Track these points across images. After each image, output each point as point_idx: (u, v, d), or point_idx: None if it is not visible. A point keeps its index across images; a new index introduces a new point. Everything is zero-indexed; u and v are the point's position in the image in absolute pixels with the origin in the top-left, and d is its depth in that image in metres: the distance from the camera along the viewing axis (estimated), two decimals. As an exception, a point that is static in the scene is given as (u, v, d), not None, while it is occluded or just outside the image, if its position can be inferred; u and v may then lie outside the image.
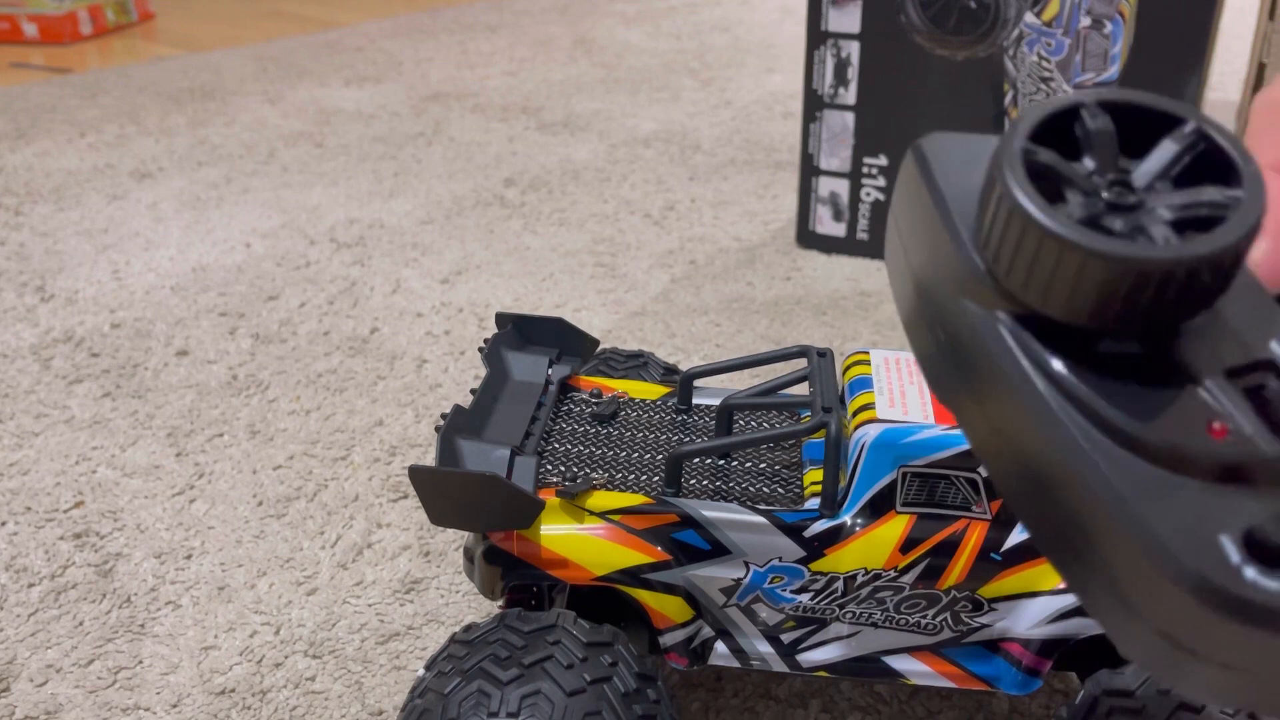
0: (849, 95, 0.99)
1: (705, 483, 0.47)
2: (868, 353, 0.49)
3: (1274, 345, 0.24)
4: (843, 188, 1.02)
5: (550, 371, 0.53)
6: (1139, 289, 0.23)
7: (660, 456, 0.49)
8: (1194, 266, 0.22)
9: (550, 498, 0.45)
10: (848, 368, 0.49)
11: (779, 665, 0.46)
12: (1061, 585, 0.44)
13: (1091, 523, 0.22)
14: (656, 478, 0.47)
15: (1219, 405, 0.24)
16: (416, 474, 0.42)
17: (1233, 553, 0.20)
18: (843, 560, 0.44)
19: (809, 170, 1.03)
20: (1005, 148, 0.24)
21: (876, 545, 0.43)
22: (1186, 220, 0.23)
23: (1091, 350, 0.24)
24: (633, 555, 0.44)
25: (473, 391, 0.50)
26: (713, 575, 0.44)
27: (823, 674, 0.46)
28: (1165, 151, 0.25)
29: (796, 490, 0.47)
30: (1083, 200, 0.24)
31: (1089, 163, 0.25)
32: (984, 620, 0.44)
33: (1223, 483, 0.23)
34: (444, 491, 0.43)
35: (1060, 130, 0.25)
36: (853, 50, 0.97)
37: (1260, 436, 0.23)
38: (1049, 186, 0.24)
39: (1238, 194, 0.23)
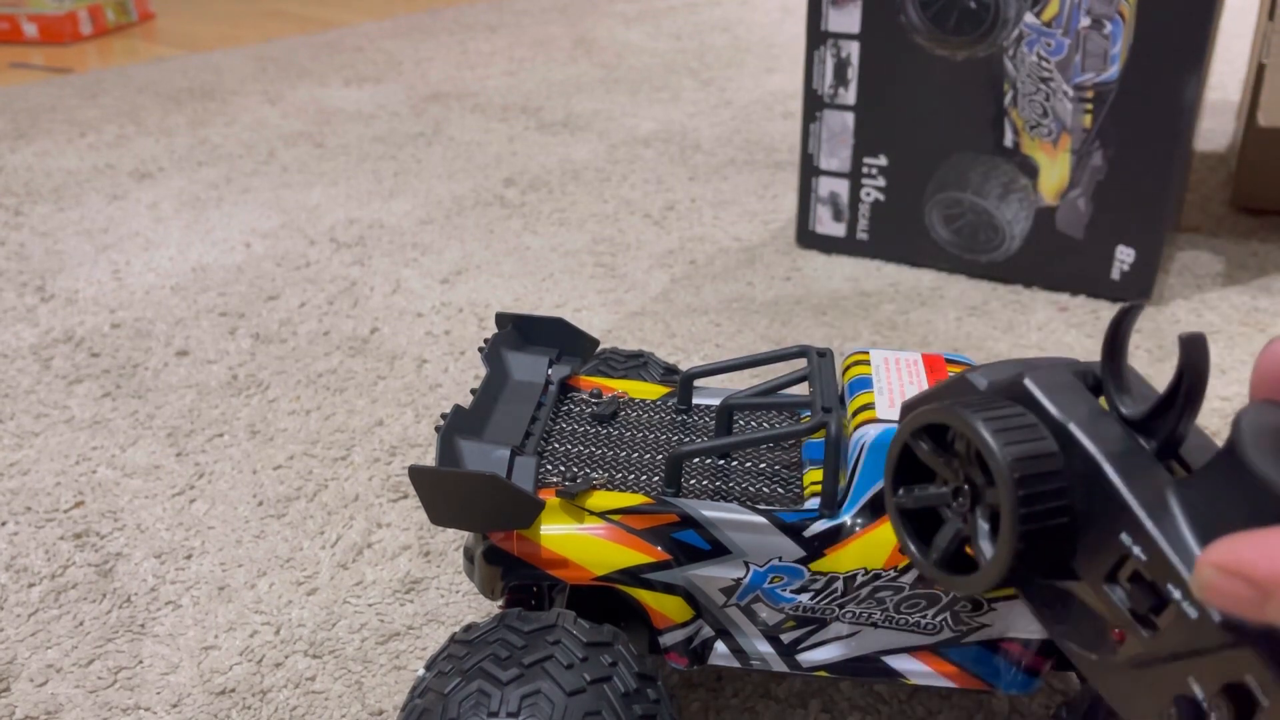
0: (849, 95, 0.99)
1: (705, 483, 0.47)
2: (868, 353, 0.49)
3: (1123, 537, 0.30)
4: (843, 188, 1.02)
5: (550, 371, 0.53)
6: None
7: (660, 456, 0.49)
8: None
9: (550, 498, 0.45)
10: (847, 368, 0.49)
11: (779, 665, 0.46)
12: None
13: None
14: (656, 478, 0.47)
15: (1112, 611, 0.31)
16: (416, 474, 0.42)
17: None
18: (842, 560, 0.44)
19: (809, 170, 1.03)
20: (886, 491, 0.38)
21: (876, 545, 0.43)
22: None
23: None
24: (633, 555, 0.44)
25: (473, 391, 0.50)
26: (713, 575, 0.44)
27: (823, 674, 0.46)
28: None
29: (796, 490, 0.47)
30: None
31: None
32: (984, 620, 0.44)
33: (1152, 664, 0.29)
34: (444, 491, 0.43)
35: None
36: (853, 50, 0.97)
37: (1143, 631, 0.29)
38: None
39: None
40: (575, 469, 0.48)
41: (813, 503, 0.45)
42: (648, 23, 2.06)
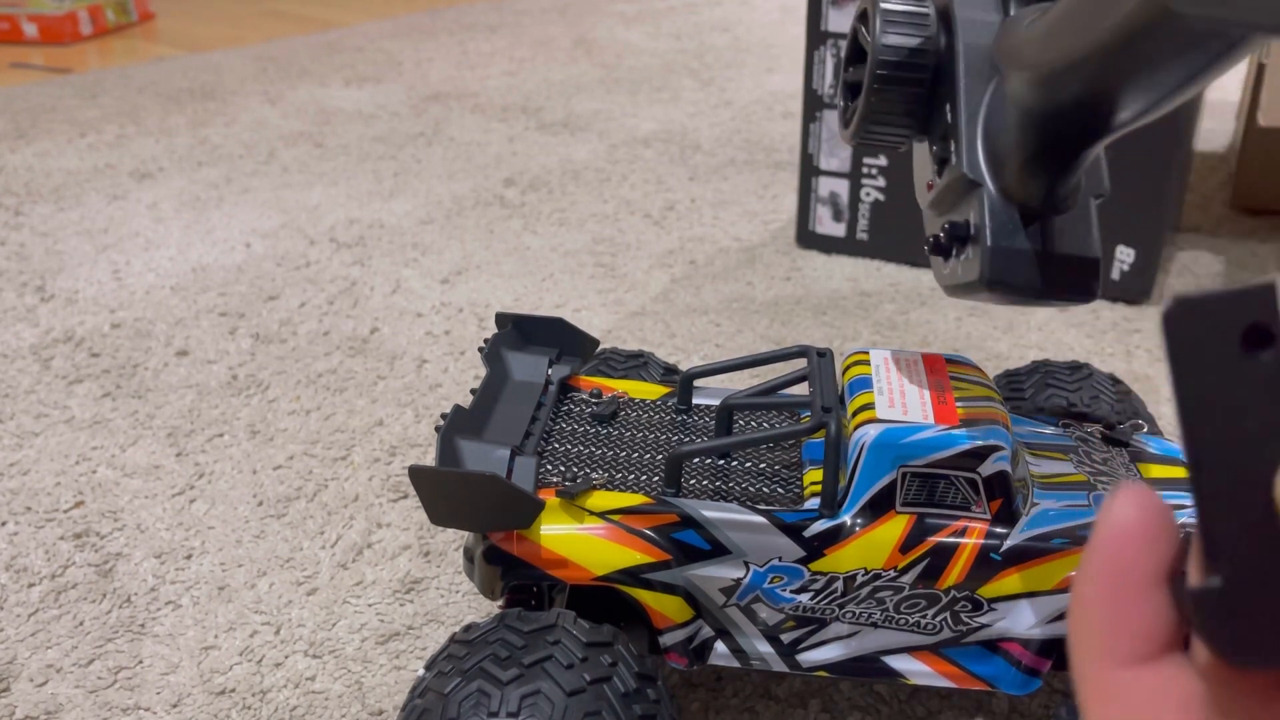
0: (849, 95, 0.98)
1: (705, 483, 0.47)
2: (867, 353, 0.49)
3: (947, 108, 0.39)
4: (843, 188, 1.02)
5: (550, 371, 0.53)
6: None
7: (660, 456, 0.49)
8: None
9: (550, 498, 0.45)
10: (847, 368, 0.49)
11: (779, 665, 0.46)
12: (1061, 585, 0.44)
13: None
14: (656, 478, 0.47)
15: (931, 161, 0.41)
16: (416, 474, 0.42)
17: None
18: (842, 560, 0.44)
19: (809, 170, 1.03)
20: None
21: (876, 545, 0.43)
22: None
23: None
24: (633, 555, 0.44)
25: (473, 391, 0.50)
26: (713, 575, 0.44)
27: (823, 674, 0.46)
28: None
29: (796, 490, 0.47)
30: None
31: None
32: (984, 620, 0.44)
33: (938, 202, 0.41)
34: (444, 491, 0.43)
35: None
36: (853, 50, 0.97)
37: (937, 177, 0.41)
38: None
39: None
40: (575, 469, 0.48)
41: (813, 503, 0.45)
42: (648, 23, 2.06)
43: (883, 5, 0.39)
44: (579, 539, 0.44)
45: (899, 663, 0.46)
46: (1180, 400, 0.18)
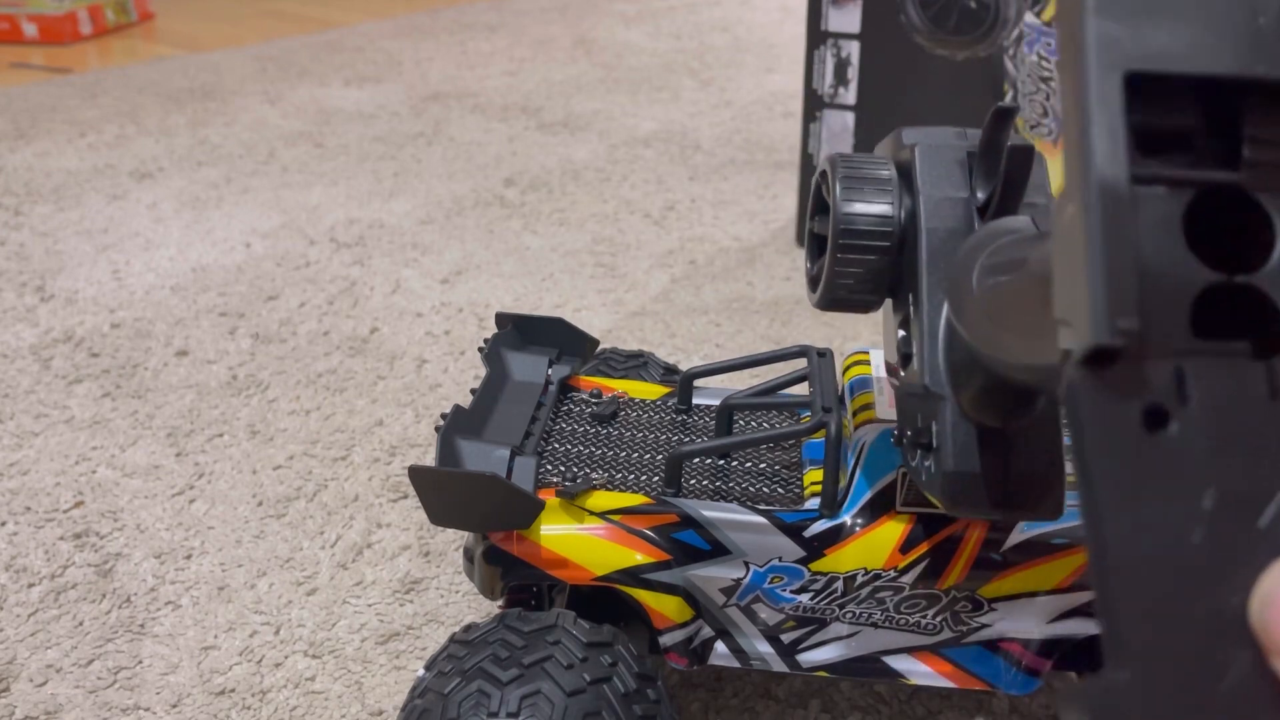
0: (849, 95, 0.99)
1: (705, 483, 0.47)
2: (868, 353, 0.49)
3: (910, 296, 0.37)
4: (843, 188, 1.02)
5: (550, 371, 0.53)
6: None
7: (660, 456, 0.49)
8: None
9: (550, 498, 0.45)
10: (848, 368, 0.49)
11: (779, 665, 0.46)
12: (1061, 585, 0.44)
13: None
14: (656, 478, 0.47)
15: (896, 345, 0.39)
16: (416, 474, 0.42)
17: None
18: (842, 560, 0.44)
19: (809, 170, 1.03)
20: None
21: (876, 545, 0.43)
22: None
23: None
24: (633, 555, 0.44)
25: (473, 391, 0.50)
26: (713, 575, 0.44)
27: (823, 674, 0.46)
28: None
29: (796, 490, 0.47)
30: None
31: None
32: (984, 620, 0.44)
33: (902, 398, 0.38)
34: (444, 491, 0.43)
35: None
36: (853, 50, 0.97)
37: (900, 371, 0.39)
38: None
39: None
40: (575, 469, 0.48)
41: (813, 503, 0.45)
42: (648, 23, 2.06)
43: (842, 169, 0.38)
44: (579, 539, 0.44)
45: (899, 663, 0.46)
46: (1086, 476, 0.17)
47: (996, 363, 0.29)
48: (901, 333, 0.38)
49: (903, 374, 0.38)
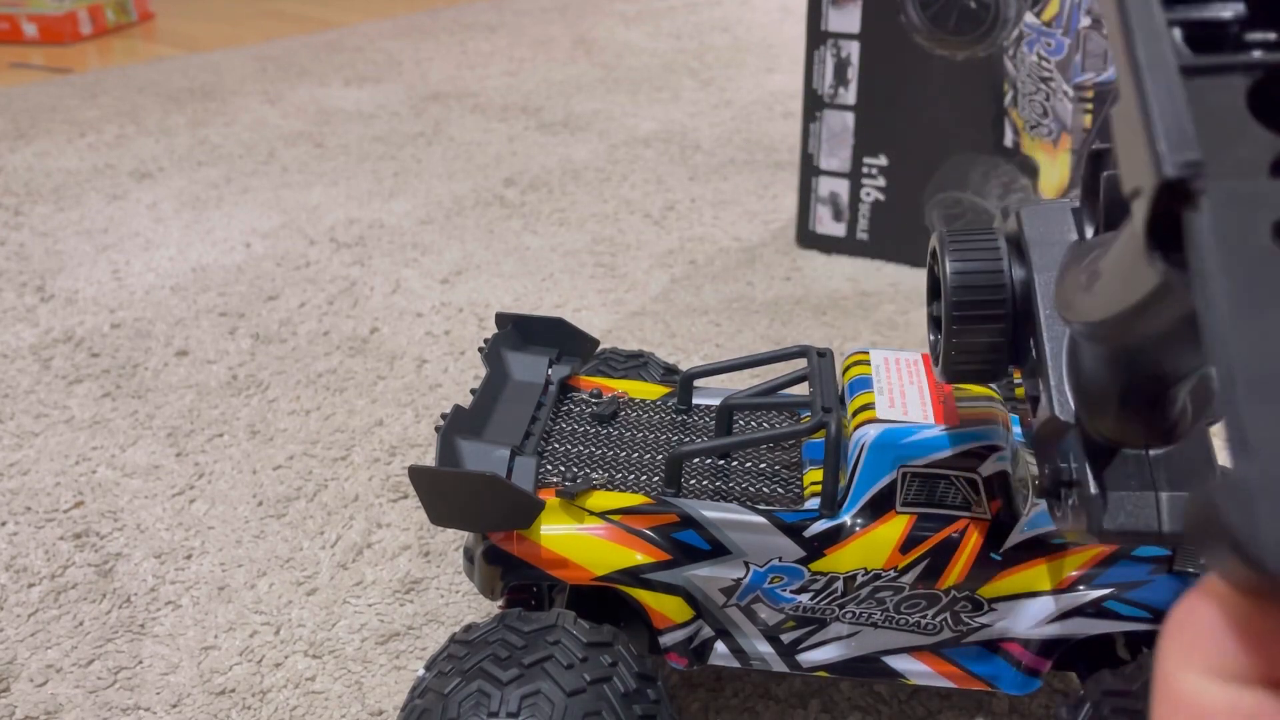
0: (849, 95, 0.99)
1: (705, 483, 0.47)
2: (868, 353, 0.49)
3: (1032, 342, 0.36)
4: (843, 188, 1.02)
5: (550, 371, 0.53)
6: None
7: (660, 456, 0.49)
8: None
9: (550, 498, 0.45)
10: (848, 368, 0.49)
11: (779, 665, 0.46)
12: (1061, 585, 0.44)
13: None
14: (656, 478, 0.47)
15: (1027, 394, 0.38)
16: (416, 474, 0.42)
17: None
18: (842, 560, 0.44)
19: (809, 170, 1.03)
20: None
21: (876, 545, 0.43)
22: None
23: None
24: (633, 555, 0.44)
25: (473, 391, 0.50)
26: (713, 575, 0.44)
27: (823, 674, 0.46)
28: None
29: (796, 490, 0.47)
30: None
31: None
32: (984, 620, 0.44)
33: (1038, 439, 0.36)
34: (444, 491, 0.43)
35: None
36: (853, 50, 0.97)
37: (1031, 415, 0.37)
38: None
39: None
40: (575, 469, 0.48)
41: (813, 503, 0.45)
42: (648, 23, 2.06)
43: (949, 237, 0.38)
44: (579, 539, 0.44)
45: (899, 663, 0.46)
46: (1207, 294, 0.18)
47: (1099, 331, 0.28)
48: (1028, 380, 0.37)
49: (1032, 420, 0.37)
